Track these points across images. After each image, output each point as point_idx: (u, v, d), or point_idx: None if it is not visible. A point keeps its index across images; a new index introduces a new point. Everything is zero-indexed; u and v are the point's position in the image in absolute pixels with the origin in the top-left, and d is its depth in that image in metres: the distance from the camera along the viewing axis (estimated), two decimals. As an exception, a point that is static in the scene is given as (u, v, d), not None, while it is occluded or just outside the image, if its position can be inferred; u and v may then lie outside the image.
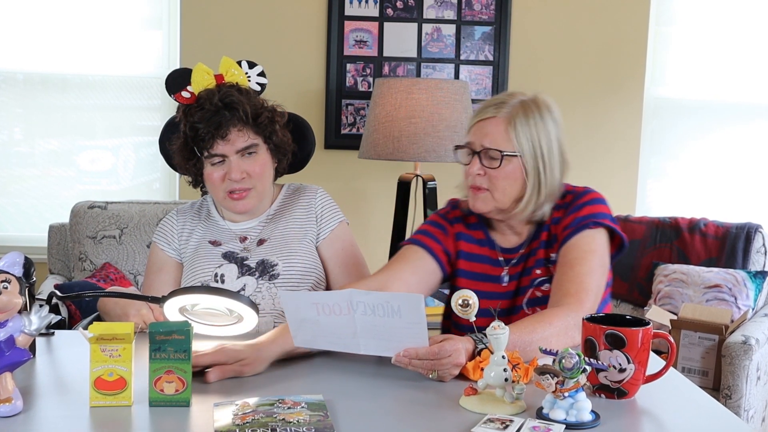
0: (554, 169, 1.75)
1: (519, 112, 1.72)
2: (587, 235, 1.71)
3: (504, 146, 1.72)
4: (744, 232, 3.00)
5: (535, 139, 1.72)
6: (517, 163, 1.72)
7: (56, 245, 2.87)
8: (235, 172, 1.87)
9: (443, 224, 1.87)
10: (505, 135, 1.72)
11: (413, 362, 1.40)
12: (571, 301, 1.60)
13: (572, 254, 1.69)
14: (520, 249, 1.81)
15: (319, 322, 1.45)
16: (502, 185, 1.73)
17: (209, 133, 1.85)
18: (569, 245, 1.71)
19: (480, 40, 3.56)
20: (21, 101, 3.53)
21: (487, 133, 1.73)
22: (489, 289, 1.81)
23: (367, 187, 3.62)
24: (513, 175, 1.72)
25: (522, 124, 1.72)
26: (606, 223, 1.73)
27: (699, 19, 3.67)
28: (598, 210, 1.74)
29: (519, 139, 1.71)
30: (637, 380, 1.36)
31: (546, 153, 1.73)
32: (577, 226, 1.72)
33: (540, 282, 1.76)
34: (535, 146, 1.72)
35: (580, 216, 1.73)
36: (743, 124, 3.72)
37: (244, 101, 1.88)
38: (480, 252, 1.84)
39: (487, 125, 1.73)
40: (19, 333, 1.24)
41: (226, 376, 1.43)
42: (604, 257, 1.73)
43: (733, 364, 2.55)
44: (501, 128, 1.72)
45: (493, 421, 1.24)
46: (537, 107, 1.75)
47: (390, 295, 1.40)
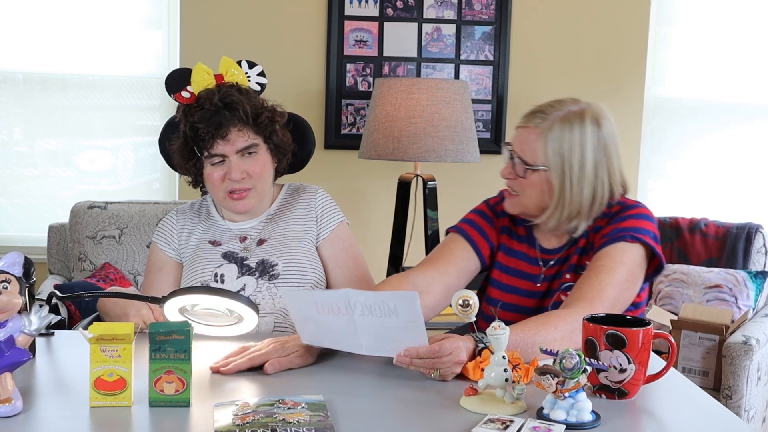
0: (583, 187, 1.71)
1: (556, 125, 1.70)
2: (621, 247, 1.68)
3: (531, 158, 1.71)
4: (744, 232, 3.00)
5: (566, 154, 1.69)
6: (543, 176, 1.71)
7: (56, 245, 2.87)
8: (235, 172, 1.87)
9: (490, 216, 1.89)
10: (534, 146, 1.71)
11: (414, 362, 1.41)
12: (584, 306, 1.58)
13: (601, 261, 1.67)
14: (559, 252, 1.80)
15: (319, 321, 1.46)
16: (528, 192, 1.74)
17: (209, 133, 1.85)
18: (602, 253, 1.69)
19: (480, 39, 3.55)
20: (20, 101, 3.53)
21: (522, 141, 1.74)
22: (522, 285, 1.81)
23: (367, 187, 3.62)
24: (538, 186, 1.72)
25: (554, 139, 1.69)
26: (645, 240, 1.69)
27: (699, 19, 3.67)
28: (641, 225, 1.71)
29: (547, 153, 1.70)
30: (638, 380, 1.36)
31: (577, 169, 1.70)
32: (614, 236, 1.69)
33: (567, 287, 1.74)
34: (565, 162, 1.70)
35: (621, 227, 1.70)
36: (743, 124, 3.71)
37: (244, 101, 1.88)
38: (519, 248, 1.84)
39: (525, 134, 1.74)
40: (19, 333, 1.24)
41: (283, 367, 1.47)
42: (634, 273, 1.69)
43: (733, 365, 2.55)
44: (532, 139, 1.72)
45: (493, 421, 1.23)
46: (581, 120, 1.71)
47: (385, 295, 1.40)
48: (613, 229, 1.71)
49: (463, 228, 1.88)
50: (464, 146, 3.01)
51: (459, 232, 1.87)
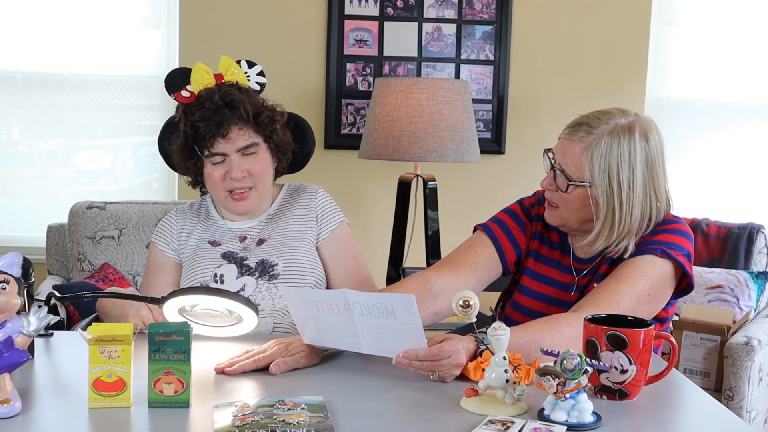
0: (634, 206, 1.63)
1: (603, 140, 1.62)
2: (649, 260, 1.61)
3: (575, 173, 1.64)
4: (746, 233, 2.99)
5: (614, 171, 1.61)
6: (584, 192, 1.64)
7: (55, 246, 2.86)
8: (236, 171, 1.87)
9: (523, 220, 1.82)
10: (578, 161, 1.63)
11: (413, 363, 1.40)
12: (595, 312, 1.52)
13: (625, 271, 1.61)
14: (593, 261, 1.73)
15: (320, 320, 1.46)
16: (569, 207, 1.67)
17: (210, 132, 1.84)
18: (628, 262, 1.63)
19: (481, 39, 3.55)
20: (19, 101, 3.52)
21: (566, 153, 1.66)
22: (554, 294, 1.76)
23: (367, 187, 3.61)
24: (579, 201, 1.65)
25: (601, 155, 1.61)
26: (677, 257, 1.62)
27: (701, 18, 3.66)
28: (675, 241, 1.65)
29: (593, 168, 1.61)
30: (639, 381, 1.36)
31: (626, 186, 1.62)
32: (644, 248, 1.63)
33: None
34: (612, 179, 1.61)
35: (654, 240, 1.64)
36: (745, 124, 3.71)
37: (245, 100, 1.88)
38: (551, 255, 1.79)
39: (570, 146, 1.65)
40: (18, 334, 1.23)
41: (289, 367, 1.47)
42: (658, 288, 1.62)
43: (735, 366, 2.54)
44: (577, 152, 1.63)
45: (494, 422, 1.23)
46: (629, 134, 1.62)
47: (383, 296, 1.40)
48: (645, 241, 1.65)
49: (493, 229, 1.81)
50: (465, 146, 3.01)
51: (487, 233, 1.80)
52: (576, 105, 3.57)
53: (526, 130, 3.60)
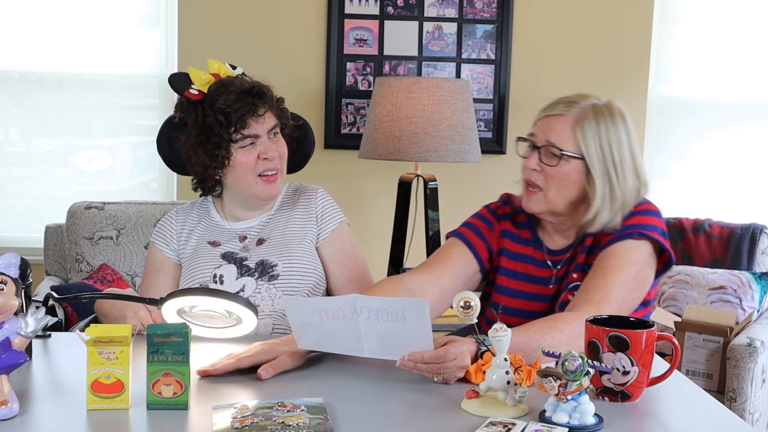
0: (627, 178, 1.67)
1: (589, 114, 1.67)
2: (629, 245, 1.65)
3: (566, 145, 1.67)
4: (749, 233, 2.99)
5: (605, 143, 1.66)
6: (576, 166, 1.67)
7: (53, 246, 2.86)
8: (271, 150, 1.89)
9: (491, 220, 1.85)
10: (570, 134, 1.67)
11: (418, 366, 1.40)
12: (590, 310, 1.55)
13: (608, 261, 1.63)
14: (566, 252, 1.76)
15: (322, 327, 1.45)
16: (556, 185, 1.68)
17: (246, 113, 1.85)
18: (608, 252, 1.65)
19: (482, 38, 3.54)
20: (17, 100, 3.52)
21: (552, 129, 1.69)
22: (533, 290, 1.78)
23: (367, 188, 3.61)
24: (569, 177, 1.67)
25: (590, 127, 1.66)
26: (653, 236, 1.66)
27: (703, 17, 3.66)
28: (648, 221, 1.68)
29: (586, 140, 1.65)
30: (641, 383, 1.35)
31: (618, 159, 1.66)
32: (620, 234, 1.66)
33: (574, 287, 1.71)
34: (605, 150, 1.66)
35: (627, 224, 1.67)
36: (748, 124, 3.70)
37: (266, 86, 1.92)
38: (524, 251, 1.80)
39: (554, 121, 1.69)
40: (16, 335, 1.23)
41: (276, 371, 1.45)
42: (643, 272, 1.66)
43: (737, 367, 2.54)
44: (567, 127, 1.67)
45: (495, 424, 1.23)
46: (610, 113, 1.68)
47: (394, 301, 1.39)
48: (620, 226, 1.68)
49: (462, 232, 1.85)
50: (465, 146, 3.00)
51: (458, 236, 1.84)
52: (577, 105, 3.60)
53: (527, 129, 3.58)
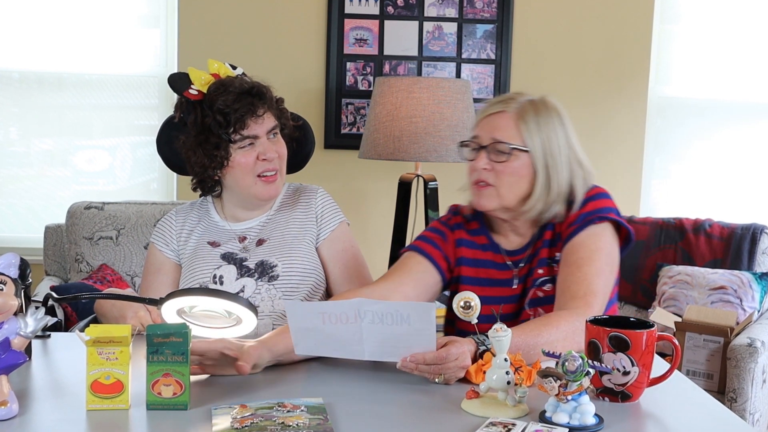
0: (562, 170, 1.71)
1: (529, 109, 1.71)
2: (593, 232, 1.68)
3: (513, 140, 1.69)
4: (749, 233, 2.98)
5: (545, 137, 1.70)
6: (525, 160, 1.70)
7: (52, 246, 2.85)
8: (270, 151, 1.88)
9: (443, 230, 1.85)
10: (515, 129, 1.69)
11: (420, 367, 1.39)
12: (579, 305, 1.57)
13: (579, 253, 1.66)
14: (526, 250, 1.77)
15: (324, 331, 1.44)
16: (508, 181, 1.70)
17: (245, 113, 1.85)
18: (575, 243, 1.68)
19: (482, 38, 3.54)
20: (16, 100, 3.52)
21: (496, 126, 1.71)
22: (498, 293, 1.77)
23: (367, 188, 3.60)
24: (520, 171, 1.70)
25: (532, 121, 1.70)
26: (611, 217, 1.71)
27: (704, 16, 3.66)
28: (602, 205, 1.71)
29: (530, 134, 1.69)
30: (641, 383, 1.35)
31: (556, 152, 1.70)
32: (581, 223, 1.69)
33: (542, 282, 1.73)
34: (545, 144, 1.70)
35: (585, 212, 1.70)
36: (749, 124, 3.70)
37: (266, 86, 1.92)
38: (484, 257, 1.81)
39: (497, 119, 1.71)
40: (15, 335, 1.23)
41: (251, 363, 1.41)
42: (612, 254, 1.70)
43: (738, 367, 2.53)
44: (511, 123, 1.70)
45: (495, 424, 1.23)
46: (546, 107, 1.73)
47: (400, 305, 1.39)
48: (578, 216, 1.70)
49: (416, 245, 1.84)
50: (465, 146, 3.00)
51: (412, 249, 1.83)
52: (578, 104, 3.60)
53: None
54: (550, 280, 1.72)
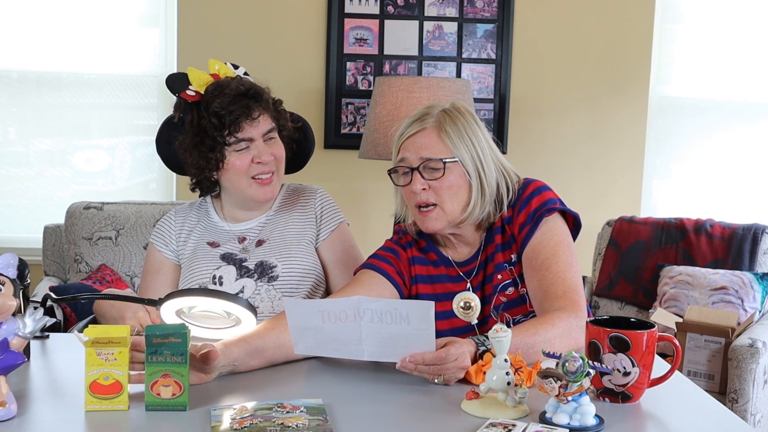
0: (491, 170, 1.70)
1: (446, 119, 1.69)
2: (547, 228, 1.68)
3: (442, 154, 1.67)
4: (751, 234, 2.98)
5: (468, 142, 1.68)
6: (458, 170, 1.68)
7: (51, 246, 2.85)
8: (265, 154, 1.87)
9: (396, 249, 1.82)
10: (440, 143, 1.67)
11: (419, 368, 1.39)
12: (565, 304, 1.57)
13: (543, 254, 1.65)
14: (476, 258, 1.75)
15: (323, 330, 1.44)
16: (448, 195, 1.67)
17: (238, 117, 1.84)
18: (534, 244, 1.67)
19: (482, 38, 3.54)
20: (15, 100, 3.51)
21: (421, 145, 1.68)
22: None
23: (367, 188, 3.60)
24: (456, 182, 1.68)
25: (452, 130, 1.68)
26: (557, 207, 1.70)
27: (705, 16, 3.65)
28: (545, 197, 1.71)
29: (454, 144, 1.67)
30: (642, 384, 1.35)
31: (481, 154, 1.69)
32: (533, 221, 1.68)
33: (503, 287, 1.71)
34: (470, 149, 1.68)
35: (532, 210, 1.69)
36: (750, 124, 3.70)
37: (263, 88, 1.91)
38: (437, 272, 1.79)
39: (419, 138, 1.69)
40: (14, 336, 1.23)
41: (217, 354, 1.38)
42: (571, 244, 1.71)
43: (739, 368, 2.53)
44: (434, 137, 1.67)
45: (495, 425, 1.22)
46: (460, 113, 1.71)
47: (399, 303, 1.39)
48: (528, 215, 1.69)
49: (369, 262, 1.81)
50: (465, 146, 2.99)
51: (365, 267, 1.80)
52: (578, 104, 3.59)
53: (529, 129, 3.59)
54: (512, 283, 1.71)
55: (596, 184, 3.61)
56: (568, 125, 3.55)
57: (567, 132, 3.56)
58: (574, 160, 3.58)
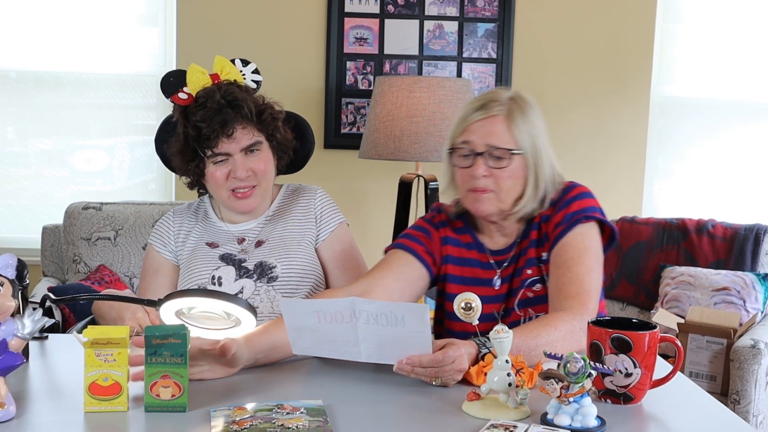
0: (546, 166, 1.72)
1: (515, 108, 1.70)
2: (580, 232, 1.68)
3: (509, 144, 1.68)
4: (753, 234, 2.97)
5: (533, 134, 1.70)
6: (520, 162, 1.70)
7: (50, 247, 2.84)
8: (241, 170, 1.85)
9: (428, 228, 1.83)
10: (508, 133, 1.69)
11: (416, 370, 1.39)
12: (575, 305, 1.57)
13: (568, 254, 1.66)
14: (511, 250, 1.77)
15: (319, 330, 1.44)
16: (507, 185, 1.69)
17: (214, 132, 1.82)
18: (563, 244, 1.68)
19: (483, 37, 3.53)
20: (14, 100, 3.51)
21: (489, 132, 1.69)
22: (481, 293, 1.73)
23: (367, 188, 3.60)
24: (517, 173, 1.70)
25: (521, 121, 1.69)
26: (596, 216, 1.71)
27: (707, 15, 3.65)
28: (587, 204, 1.72)
29: (521, 136, 1.69)
30: (644, 385, 1.35)
31: (541, 148, 1.71)
32: (568, 223, 1.69)
33: (531, 282, 1.72)
34: (533, 142, 1.70)
35: (571, 212, 1.70)
36: (752, 123, 3.69)
37: (247, 98, 1.87)
38: (468, 255, 1.80)
39: (489, 124, 1.69)
40: (12, 337, 1.23)
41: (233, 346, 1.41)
42: (599, 253, 1.71)
43: (741, 369, 2.53)
44: (503, 126, 1.69)
45: (496, 426, 1.22)
46: (527, 104, 1.73)
47: (394, 305, 1.39)
48: (564, 216, 1.70)
49: (399, 242, 1.83)
50: (466, 146, 2.99)
51: (395, 247, 1.82)
52: (579, 104, 3.59)
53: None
54: (539, 280, 1.72)
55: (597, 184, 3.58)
56: (569, 125, 3.55)
57: (568, 132, 3.56)
58: (575, 159, 3.57)
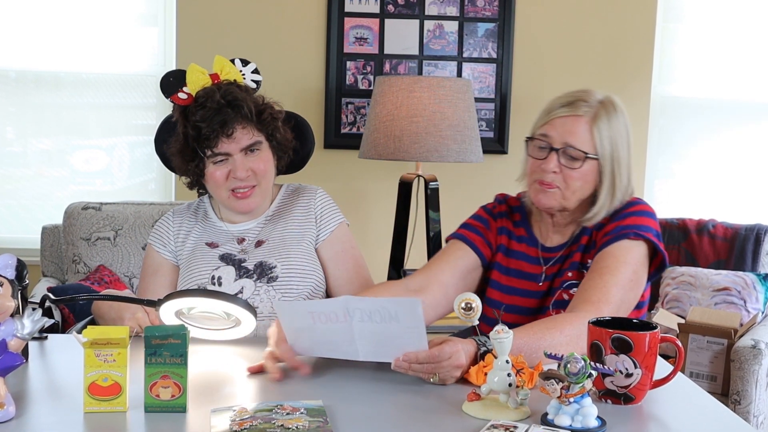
0: (624, 176, 1.72)
1: (602, 113, 1.69)
2: (625, 245, 1.67)
3: (586, 147, 1.68)
4: (753, 234, 2.97)
5: (614, 141, 1.69)
6: (593, 166, 1.69)
7: (49, 247, 2.84)
8: (240, 170, 1.85)
9: (486, 218, 1.87)
10: (588, 135, 1.68)
11: (413, 366, 1.39)
12: (590, 309, 1.56)
13: (605, 262, 1.65)
14: (561, 249, 1.78)
15: (315, 330, 1.44)
16: (574, 186, 1.69)
17: (214, 132, 1.82)
18: (605, 252, 1.67)
19: (483, 37, 3.53)
20: (13, 100, 3.51)
21: (570, 131, 1.69)
22: (523, 286, 1.79)
23: (367, 188, 3.60)
24: (588, 176, 1.69)
25: (605, 127, 1.69)
26: (648, 237, 1.69)
27: (707, 15, 3.65)
28: (642, 222, 1.70)
29: (602, 141, 1.68)
30: (644, 385, 1.35)
31: (622, 156, 1.71)
32: (617, 234, 1.68)
33: (569, 285, 1.73)
34: (614, 149, 1.69)
35: (623, 225, 1.69)
36: (753, 123, 3.69)
37: (247, 98, 1.87)
38: (518, 248, 1.82)
39: (571, 123, 1.70)
40: (12, 337, 1.23)
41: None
42: (639, 272, 1.68)
43: (742, 369, 2.53)
44: (585, 128, 1.68)
45: (496, 427, 1.22)
46: (615, 110, 1.72)
47: (386, 301, 1.38)
48: (616, 227, 1.69)
49: (460, 232, 1.87)
50: (467, 146, 2.99)
51: (455, 237, 1.87)
52: (578, 104, 3.58)
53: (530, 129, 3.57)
54: (577, 285, 1.71)
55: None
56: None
57: (568, 132, 3.56)
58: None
